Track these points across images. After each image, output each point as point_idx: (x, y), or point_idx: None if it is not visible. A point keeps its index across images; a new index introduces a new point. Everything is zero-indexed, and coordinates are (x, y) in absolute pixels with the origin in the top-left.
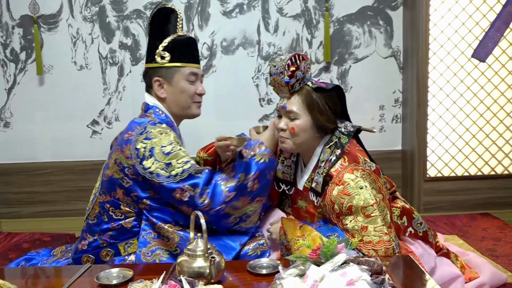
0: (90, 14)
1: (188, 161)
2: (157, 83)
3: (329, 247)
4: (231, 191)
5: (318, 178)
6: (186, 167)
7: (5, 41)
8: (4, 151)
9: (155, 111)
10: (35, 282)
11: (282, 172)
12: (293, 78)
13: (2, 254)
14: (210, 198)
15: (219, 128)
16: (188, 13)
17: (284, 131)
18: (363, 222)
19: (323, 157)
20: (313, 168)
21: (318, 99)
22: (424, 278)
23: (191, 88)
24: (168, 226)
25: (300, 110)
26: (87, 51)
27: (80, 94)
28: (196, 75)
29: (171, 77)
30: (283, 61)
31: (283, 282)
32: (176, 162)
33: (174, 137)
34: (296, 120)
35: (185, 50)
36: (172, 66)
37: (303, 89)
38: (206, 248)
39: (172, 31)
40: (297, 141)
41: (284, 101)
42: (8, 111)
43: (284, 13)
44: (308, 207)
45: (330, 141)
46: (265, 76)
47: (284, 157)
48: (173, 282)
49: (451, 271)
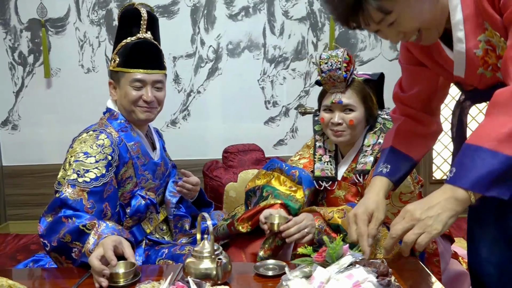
0: (97, 18)
1: (74, 178)
2: (111, 86)
3: (335, 249)
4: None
5: (366, 159)
6: (70, 177)
7: (13, 45)
8: (12, 153)
9: (110, 113)
10: (43, 283)
11: (322, 170)
12: (348, 72)
13: (11, 255)
14: (45, 228)
15: (225, 130)
16: (194, 16)
17: (340, 125)
18: (399, 207)
19: (367, 142)
20: (353, 158)
21: (368, 90)
22: (430, 281)
23: (135, 93)
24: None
25: (356, 102)
26: (94, 54)
27: (87, 96)
28: (142, 81)
29: (119, 81)
30: (335, 57)
31: (290, 283)
32: (71, 168)
33: (88, 147)
34: (352, 113)
35: (133, 55)
36: (119, 70)
37: (354, 82)
38: (213, 249)
39: (133, 34)
40: (354, 132)
41: (338, 96)
42: (16, 114)
43: (289, 16)
44: (347, 195)
45: (374, 127)
46: (271, 79)
47: (320, 154)
48: (180, 283)
49: (458, 269)
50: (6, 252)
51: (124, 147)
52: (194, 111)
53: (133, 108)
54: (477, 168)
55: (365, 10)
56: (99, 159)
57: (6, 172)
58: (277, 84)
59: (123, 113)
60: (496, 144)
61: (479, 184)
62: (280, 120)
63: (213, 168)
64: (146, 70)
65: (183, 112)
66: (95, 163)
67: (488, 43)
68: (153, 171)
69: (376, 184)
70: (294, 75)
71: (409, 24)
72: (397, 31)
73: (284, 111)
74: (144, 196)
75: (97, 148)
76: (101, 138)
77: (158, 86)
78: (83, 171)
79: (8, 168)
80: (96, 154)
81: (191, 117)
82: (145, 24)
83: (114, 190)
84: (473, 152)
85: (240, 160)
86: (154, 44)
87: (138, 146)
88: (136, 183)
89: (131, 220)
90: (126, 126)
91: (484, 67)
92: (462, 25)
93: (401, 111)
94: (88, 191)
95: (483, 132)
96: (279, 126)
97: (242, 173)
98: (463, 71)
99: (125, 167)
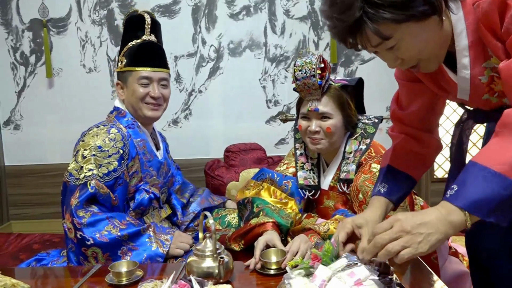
0: (98, 18)
1: (91, 169)
2: (118, 86)
3: (327, 255)
4: (106, 236)
5: (349, 167)
6: (89, 174)
7: (15, 45)
8: (15, 153)
9: (118, 111)
10: (46, 282)
11: (304, 178)
12: (323, 79)
13: (13, 255)
14: (88, 220)
15: (227, 129)
16: (195, 16)
17: (317, 133)
18: None
19: (349, 149)
20: (337, 166)
21: (346, 96)
22: (431, 279)
23: (142, 90)
24: None
25: (333, 109)
26: (95, 54)
27: (89, 96)
28: (149, 78)
29: (126, 80)
30: (309, 64)
31: (292, 282)
32: (85, 166)
33: (101, 140)
34: (329, 120)
35: (140, 55)
36: (126, 70)
37: (330, 89)
38: (215, 248)
39: (138, 37)
40: (332, 140)
41: (314, 104)
42: (18, 114)
43: (290, 15)
44: (336, 205)
45: (355, 133)
46: (272, 78)
47: (302, 162)
48: (182, 281)
49: (459, 269)
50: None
51: (131, 142)
52: (196, 110)
53: (141, 105)
54: (480, 189)
55: (364, 33)
56: (112, 153)
57: (8, 171)
58: (278, 83)
59: (130, 112)
60: (507, 169)
61: (479, 206)
62: (277, 123)
63: (214, 167)
64: (152, 68)
65: (184, 111)
66: (108, 157)
67: (494, 70)
68: (157, 168)
69: (373, 204)
70: None
71: (408, 52)
72: (395, 56)
73: (285, 110)
74: (148, 190)
75: (109, 142)
76: (112, 132)
77: (164, 83)
78: (98, 165)
79: (10, 167)
80: (109, 148)
81: (193, 116)
82: (149, 28)
83: (125, 184)
84: (478, 171)
85: (241, 159)
86: (159, 45)
87: (144, 143)
88: (141, 178)
89: (134, 213)
90: (133, 124)
91: (490, 93)
92: (467, 51)
93: (399, 129)
94: (100, 180)
95: (492, 153)
96: (281, 125)
97: (244, 172)
98: (468, 95)
99: (132, 161)
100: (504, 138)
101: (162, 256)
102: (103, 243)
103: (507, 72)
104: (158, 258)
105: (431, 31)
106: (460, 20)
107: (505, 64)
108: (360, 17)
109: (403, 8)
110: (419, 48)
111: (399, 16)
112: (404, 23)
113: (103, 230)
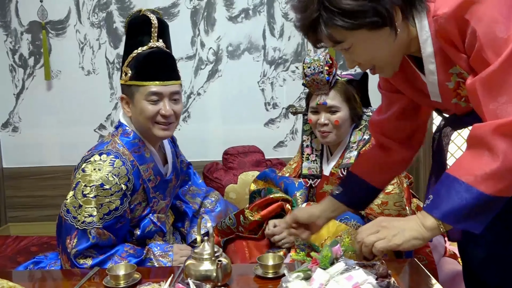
0: (97, 20)
1: (92, 215)
2: (123, 101)
3: (325, 260)
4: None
5: (351, 154)
6: (88, 220)
7: (14, 47)
8: (13, 155)
9: (124, 129)
10: (43, 285)
11: (308, 168)
12: (331, 75)
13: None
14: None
15: (225, 132)
16: (194, 18)
17: (326, 126)
18: (383, 198)
19: (354, 139)
20: (340, 154)
21: (351, 90)
22: (430, 282)
23: (151, 108)
24: None
25: (340, 103)
26: (94, 56)
27: (88, 99)
28: (159, 94)
29: (133, 95)
30: (317, 61)
31: (289, 285)
32: (85, 208)
33: (104, 176)
34: (337, 113)
35: (147, 67)
36: (132, 84)
37: (337, 83)
38: (213, 251)
39: (144, 43)
40: (339, 132)
41: (322, 98)
42: (16, 116)
43: (289, 18)
44: None
45: (359, 125)
46: (271, 81)
47: (308, 154)
48: (180, 285)
49: (456, 269)
50: (6, 254)
51: (136, 172)
52: (194, 113)
53: (151, 125)
54: (451, 200)
55: (320, 33)
56: (115, 191)
57: (6, 174)
58: (277, 86)
59: (137, 130)
60: (473, 180)
61: (450, 216)
62: (280, 122)
63: (213, 170)
64: (162, 82)
65: (183, 114)
66: (110, 196)
67: (460, 75)
68: (164, 189)
69: (322, 202)
70: (294, 77)
71: (362, 57)
72: (352, 59)
73: (284, 113)
74: (156, 222)
75: (112, 179)
76: (116, 165)
77: (176, 98)
78: (99, 206)
79: (8, 170)
80: (111, 186)
81: (191, 119)
82: (156, 32)
83: (126, 223)
84: (450, 183)
85: (240, 162)
86: (168, 53)
87: (150, 168)
88: (145, 207)
89: (136, 241)
90: (139, 147)
91: (458, 98)
92: (433, 58)
93: (374, 138)
94: (101, 227)
95: (463, 165)
96: (279, 128)
97: (242, 174)
98: (439, 98)
99: (136, 195)
100: (476, 152)
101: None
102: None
103: (472, 90)
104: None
105: (383, 41)
106: (424, 28)
107: (470, 82)
108: (316, 18)
109: (354, 17)
110: (372, 54)
111: (350, 25)
112: (356, 30)
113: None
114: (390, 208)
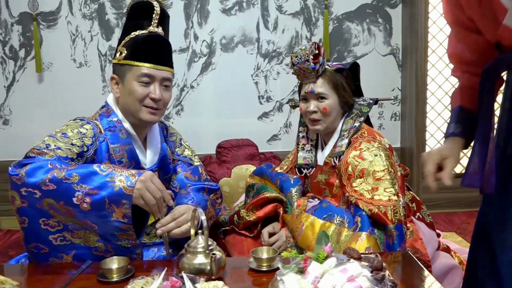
0: (89, 12)
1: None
2: (113, 81)
3: (320, 259)
4: (52, 182)
5: (342, 142)
6: (43, 146)
7: (4, 39)
8: (3, 148)
9: (106, 108)
10: (35, 279)
11: (304, 158)
12: (317, 64)
13: (2, 251)
14: (25, 171)
15: (219, 125)
16: (187, 11)
17: (315, 113)
18: (373, 184)
19: (345, 127)
20: (334, 144)
21: (340, 79)
22: (423, 275)
23: (142, 90)
24: None
25: (328, 90)
26: (86, 48)
27: (79, 91)
28: (151, 76)
29: (124, 75)
30: (304, 51)
31: (284, 278)
32: (37, 143)
33: (70, 131)
34: (325, 100)
35: (143, 48)
36: (125, 63)
37: (325, 72)
38: (207, 244)
39: (144, 27)
40: (329, 120)
41: (310, 86)
42: (7, 109)
43: (283, 11)
44: (328, 179)
45: (351, 113)
46: (265, 74)
47: (303, 144)
48: (174, 278)
49: (450, 262)
50: None
51: (105, 146)
52: (188, 106)
53: (138, 107)
54: None
55: None
56: (75, 144)
57: None
58: (270, 79)
59: (123, 112)
60: None
61: None
62: (273, 115)
63: (206, 163)
64: (156, 65)
65: (176, 107)
66: (70, 145)
67: None
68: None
69: (451, 142)
70: (287, 70)
71: None
72: None
73: (277, 106)
74: None
75: (77, 134)
76: (85, 127)
77: (166, 84)
78: (54, 146)
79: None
80: (74, 138)
81: (185, 112)
82: (157, 19)
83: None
84: None
85: (233, 155)
86: (166, 40)
87: (123, 149)
88: None
89: None
90: (115, 126)
91: None
92: None
93: (460, 68)
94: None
95: None
96: (273, 121)
97: (236, 168)
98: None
99: None
100: None
101: (128, 198)
102: (50, 192)
103: None
104: (123, 200)
105: None
106: None
107: None
108: None
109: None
110: None
111: None
112: None
113: (47, 175)
114: (381, 194)
